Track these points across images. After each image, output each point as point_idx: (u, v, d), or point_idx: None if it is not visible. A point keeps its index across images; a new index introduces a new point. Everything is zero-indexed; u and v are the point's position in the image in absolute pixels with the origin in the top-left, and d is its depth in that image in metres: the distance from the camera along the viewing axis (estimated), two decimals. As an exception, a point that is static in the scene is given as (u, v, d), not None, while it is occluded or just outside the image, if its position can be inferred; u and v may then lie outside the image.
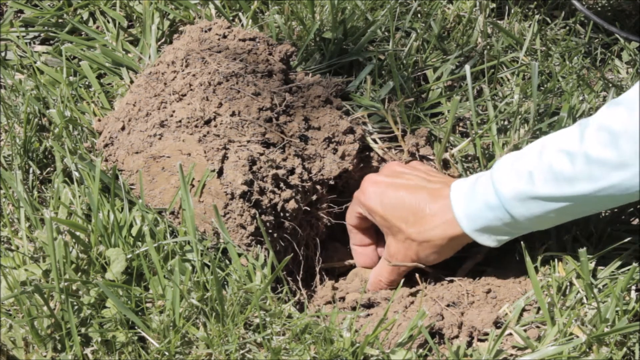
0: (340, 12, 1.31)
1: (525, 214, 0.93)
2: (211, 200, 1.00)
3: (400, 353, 0.91)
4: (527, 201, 0.92)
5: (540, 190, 0.90)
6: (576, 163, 0.86)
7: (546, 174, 0.89)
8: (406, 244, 1.05)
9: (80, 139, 1.14)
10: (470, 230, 0.99)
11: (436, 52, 1.31)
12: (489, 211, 0.96)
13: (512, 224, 0.95)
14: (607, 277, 1.00)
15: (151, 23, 1.30)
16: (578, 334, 0.92)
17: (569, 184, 0.87)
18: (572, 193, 0.88)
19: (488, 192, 0.95)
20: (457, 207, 0.99)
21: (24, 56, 1.31)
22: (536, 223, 0.95)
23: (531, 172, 0.91)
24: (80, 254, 0.96)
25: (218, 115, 1.03)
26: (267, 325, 0.92)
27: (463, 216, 0.99)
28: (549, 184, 0.89)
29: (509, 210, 0.94)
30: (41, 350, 0.88)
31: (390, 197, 1.05)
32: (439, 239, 1.02)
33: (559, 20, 1.43)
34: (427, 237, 1.02)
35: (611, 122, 0.83)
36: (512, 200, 0.93)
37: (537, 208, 0.92)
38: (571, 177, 0.87)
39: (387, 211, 1.05)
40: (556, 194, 0.89)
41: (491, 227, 0.97)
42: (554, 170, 0.88)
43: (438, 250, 1.03)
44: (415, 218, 1.03)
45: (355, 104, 1.20)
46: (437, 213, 1.01)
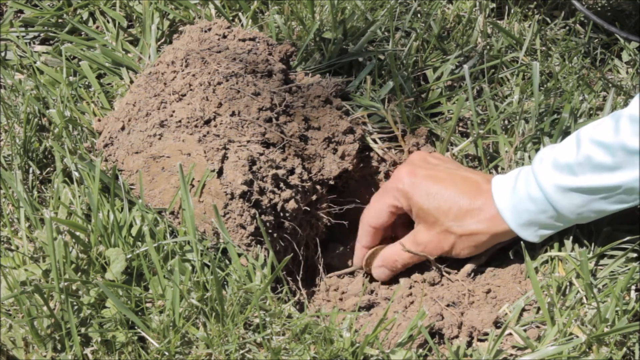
0: (340, 12, 1.31)
1: (569, 206, 0.94)
2: (211, 200, 1.00)
3: (400, 353, 0.91)
4: (569, 193, 0.93)
5: (582, 182, 0.91)
6: (614, 154, 0.88)
7: (585, 166, 0.91)
8: (442, 235, 1.04)
9: (80, 139, 1.14)
10: (515, 225, 0.99)
11: (436, 52, 1.31)
12: (533, 204, 0.96)
13: (556, 216, 0.96)
14: (607, 277, 1.00)
15: (151, 23, 1.30)
16: (578, 334, 0.92)
17: (611, 174, 0.89)
18: (613, 183, 0.89)
19: (531, 186, 0.97)
20: (500, 201, 1.00)
21: (24, 56, 1.30)
22: (579, 215, 0.95)
23: (571, 165, 0.92)
24: (80, 254, 0.96)
25: (218, 115, 1.03)
26: (267, 325, 0.92)
27: (507, 211, 0.99)
28: (590, 175, 0.91)
29: (552, 202, 0.95)
30: (41, 350, 0.88)
31: (429, 188, 1.04)
32: (483, 233, 1.02)
33: (558, 20, 1.43)
34: (470, 231, 1.02)
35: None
36: (555, 193, 0.94)
37: (579, 199, 0.93)
38: (612, 167, 0.89)
39: (426, 202, 1.04)
40: (598, 184, 0.90)
41: (535, 221, 0.98)
42: (593, 162, 0.90)
43: (477, 244, 1.03)
44: (456, 211, 1.02)
45: (355, 104, 1.20)
46: (481, 208, 1.02)
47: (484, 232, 1.02)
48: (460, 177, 1.05)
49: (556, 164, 0.95)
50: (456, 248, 1.05)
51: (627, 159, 0.87)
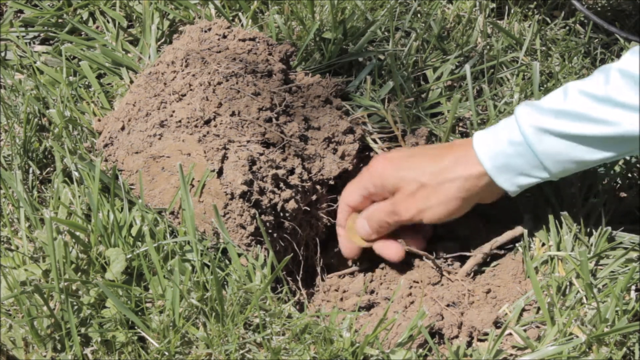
0: (340, 12, 1.31)
1: (548, 151, 0.93)
2: (211, 200, 1.00)
3: (400, 353, 0.91)
4: (550, 137, 0.93)
5: (565, 127, 0.91)
6: (601, 105, 0.88)
7: (570, 113, 0.91)
8: (417, 192, 1.02)
9: (80, 139, 1.14)
10: (491, 166, 0.97)
11: (436, 52, 1.31)
12: (511, 147, 0.96)
13: (534, 162, 0.95)
14: (607, 277, 1.00)
15: (151, 23, 1.30)
16: (578, 334, 0.92)
17: (593, 124, 0.89)
18: (594, 133, 0.89)
19: (512, 129, 0.96)
20: (478, 146, 0.99)
21: (24, 56, 1.31)
22: (558, 164, 0.94)
23: (556, 111, 0.92)
24: (80, 254, 0.96)
25: (218, 115, 1.03)
26: (267, 325, 0.92)
27: (485, 154, 0.98)
28: (573, 122, 0.90)
29: (532, 145, 0.94)
30: (41, 350, 0.88)
31: (402, 162, 1.05)
32: (458, 179, 1.00)
33: (558, 20, 1.43)
34: (444, 179, 1.01)
35: (634, 68, 0.86)
36: (535, 135, 0.93)
37: (559, 145, 0.92)
38: (595, 119, 0.88)
39: (400, 172, 1.04)
40: (580, 132, 0.90)
41: (512, 166, 0.96)
42: (578, 111, 0.90)
43: (453, 195, 1.01)
44: (432, 168, 1.02)
45: (355, 104, 1.20)
46: (457, 157, 1.01)
47: (459, 177, 1.00)
48: (433, 147, 1.06)
49: (540, 108, 0.94)
50: (432, 204, 1.02)
51: (613, 111, 0.87)
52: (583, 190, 1.09)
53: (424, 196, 1.02)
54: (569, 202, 1.07)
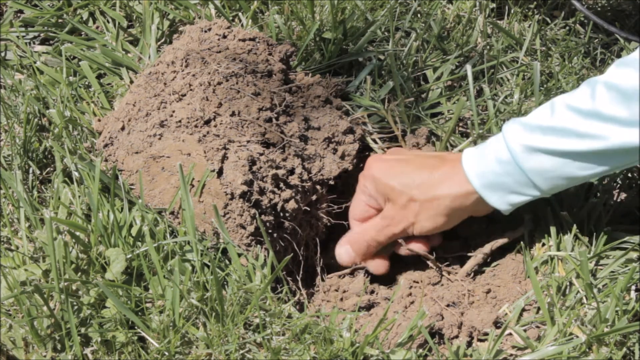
0: (340, 12, 1.31)
1: (537, 169, 0.93)
2: (211, 200, 1.00)
3: (400, 353, 0.91)
4: (538, 154, 0.92)
5: (553, 144, 0.91)
6: (588, 120, 0.88)
7: (558, 129, 0.90)
8: (407, 205, 1.03)
9: (80, 139, 1.14)
10: (480, 185, 0.98)
11: (436, 52, 1.31)
12: (500, 166, 0.96)
13: (523, 180, 0.95)
14: (607, 277, 1.00)
15: (151, 23, 1.30)
16: (578, 334, 0.92)
17: (581, 140, 0.88)
18: (583, 149, 0.89)
19: (499, 147, 0.96)
20: (467, 164, 0.99)
21: (24, 56, 1.30)
22: (549, 181, 0.94)
23: (543, 127, 0.92)
24: (80, 254, 0.96)
25: (218, 115, 1.03)
26: (267, 325, 0.92)
27: (473, 172, 0.98)
28: (561, 138, 0.90)
29: (520, 163, 0.94)
30: (41, 350, 0.88)
31: (394, 168, 1.05)
32: (445, 197, 1.00)
33: (558, 20, 1.43)
34: (432, 196, 1.01)
35: (620, 81, 0.85)
36: (523, 153, 0.93)
37: (548, 162, 0.92)
38: (583, 134, 0.88)
39: (390, 180, 1.04)
40: (568, 148, 0.90)
41: (502, 184, 0.96)
42: (565, 126, 0.90)
43: (440, 212, 1.01)
44: (420, 181, 1.02)
45: (355, 104, 1.20)
46: (446, 173, 1.01)
47: (447, 195, 1.00)
48: (426, 156, 1.06)
49: (527, 125, 0.94)
50: (420, 218, 1.02)
51: (600, 125, 0.87)
52: (583, 190, 1.09)
53: (413, 210, 1.03)
54: (569, 202, 1.07)
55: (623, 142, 0.86)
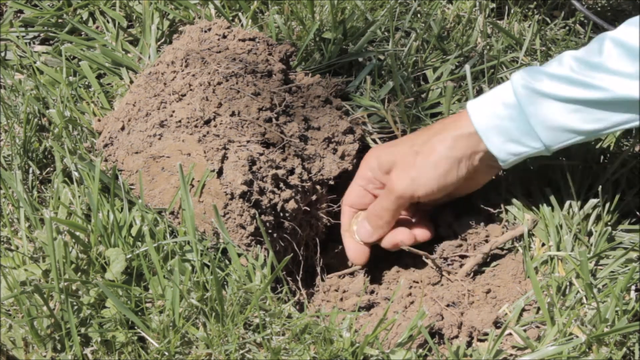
0: (340, 12, 1.31)
1: (539, 114, 0.94)
2: (211, 200, 1.00)
3: (400, 353, 0.91)
4: (542, 100, 0.93)
5: (558, 90, 0.92)
6: (594, 72, 0.90)
7: (565, 77, 0.92)
8: (411, 162, 1.02)
9: (80, 139, 1.14)
10: (482, 126, 0.98)
11: (436, 52, 1.31)
12: (504, 109, 0.96)
13: (525, 127, 0.95)
14: (607, 277, 1.00)
15: (151, 23, 1.30)
16: (578, 334, 0.92)
17: (586, 89, 0.90)
18: (587, 97, 0.90)
19: (505, 91, 0.97)
20: (471, 107, 0.99)
21: (24, 56, 1.30)
22: (548, 132, 0.94)
23: (550, 74, 0.93)
24: (80, 254, 0.96)
25: (218, 115, 1.03)
26: (266, 325, 0.92)
27: (476, 113, 0.98)
28: (567, 86, 0.92)
29: (524, 107, 0.94)
30: (41, 350, 0.88)
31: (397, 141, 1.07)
32: (446, 138, 1.00)
33: (558, 20, 1.43)
34: (435, 140, 1.01)
35: (628, 39, 0.88)
36: (528, 97, 0.94)
37: (551, 109, 0.93)
38: (588, 84, 0.90)
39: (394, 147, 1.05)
40: (572, 96, 0.91)
41: (503, 128, 0.97)
42: (572, 76, 0.91)
43: (442, 156, 1.00)
44: (425, 134, 1.03)
45: (355, 104, 1.20)
46: (448, 121, 1.02)
47: (447, 136, 1.00)
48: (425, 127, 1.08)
49: (534, 71, 0.95)
50: (422, 168, 1.01)
51: (606, 77, 0.89)
52: (583, 190, 1.09)
53: (416, 164, 1.02)
54: (569, 202, 1.07)
55: (627, 94, 0.88)
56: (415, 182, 1.02)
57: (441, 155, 1.00)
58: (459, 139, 1.00)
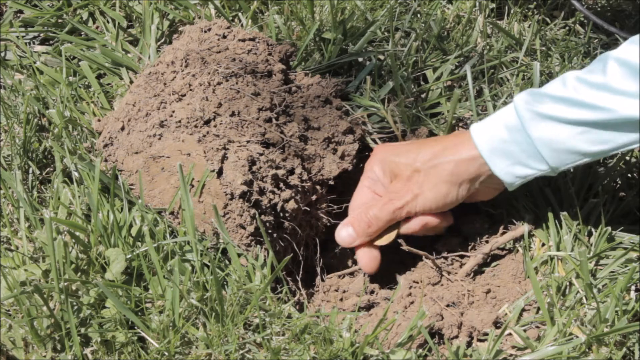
0: (340, 12, 1.31)
1: (544, 137, 0.93)
2: (211, 201, 1.00)
3: (400, 353, 0.91)
4: (546, 122, 0.93)
5: (562, 113, 0.91)
6: (599, 92, 0.89)
7: (568, 99, 0.91)
8: (411, 176, 1.02)
9: (80, 139, 1.14)
10: (486, 149, 0.97)
11: (436, 52, 1.31)
12: (508, 132, 0.96)
13: (530, 150, 0.95)
14: (607, 277, 1.00)
15: (151, 23, 1.30)
16: (578, 334, 0.92)
17: (590, 111, 0.89)
18: (591, 119, 0.90)
19: (509, 114, 0.97)
20: (474, 130, 0.99)
21: (24, 56, 1.31)
22: (553, 154, 0.94)
23: (554, 97, 0.93)
24: (80, 254, 0.96)
25: (218, 116, 1.03)
26: (266, 325, 0.92)
27: (480, 138, 0.98)
28: (571, 108, 0.91)
29: (528, 130, 0.94)
30: (41, 350, 0.88)
31: (400, 147, 1.06)
32: (449, 162, 1.00)
33: (558, 20, 1.43)
34: (437, 162, 1.01)
35: (632, 57, 0.87)
36: (532, 121, 0.94)
37: (555, 131, 0.92)
38: (592, 105, 0.89)
39: (397, 157, 1.05)
40: (577, 118, 0.91)
41: (508, 152, 0.96)
42: (575, 97, 0.91)
43: (443, 178, 1.00)
44: (427, 152, 1.02)
45: (355, 104, 1.20)
46: (452, 141, 1.01)
47: (451, 160, 1.00)
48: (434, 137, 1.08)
49: (538, 94, 0.95)
50: (424, 188, 1.01)
51: (610, 98, 0.88)
52: (583, 190, 1.09)
53: (417, 181, 1.02)
54: (569, 202, 1.07)
55: (632, 115, 0.87)
56: (414, 200, 1.03)
57: (442, 178, 1.01)
58: (461, 163, 1.00)
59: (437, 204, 1.03)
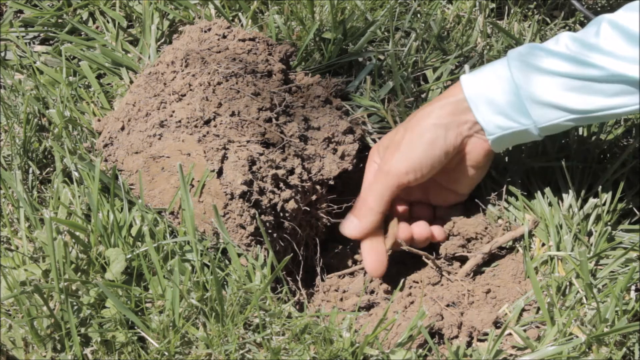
0: (340, 12, 1.31)
1: (531, 88, 0.94)
2: (211, 201, 1.00)
3: (400, 353, 0.91)
4: (535, 74, 0.94)
5: (551, 65, 0.92)
6: (590, 52, 0.90)
7: (560, 54, 0.92)
8: (397, 139, 1.02)
9: (80, 139, 1.14)
10: (471, 92, 0.97)
11: (436, 52, 1.31)
12: (496, 79, 0.96)
13: (516, 101, 0.95)
14: (607, 277, 1.00)
15: (151, 23, 1.30)
16: (578, 334, 0.92)
17: (580, 66, 0.91)
18: (580, 73, 0.91)
19: (500, 63, 0.98)
20: (464, 77, 1.00)
21: (24, 56, 1.31)
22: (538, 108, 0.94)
23: (546, 50, 0.94)
24: (80, 254, 0.96)
25: (218, 115, 1.03)
26: (266, 325, 0.92)
27: (467, 81, 0.98)
28: (561, 62, 0.92)
29: (516, 79, 0.94)
30: (41, 350, 0.88)
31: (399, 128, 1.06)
32: (435, 108, 0.99)
33: (558, 20, 1.43)
34: (423, 113, 1.01)
35: (626, 23, 0.88)
36: (521, 71, 0.95)
37: (543, 83, 0.93)
38: (582, 61, 0.90)
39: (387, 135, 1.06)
40: (565, 71, 0.92)
41: (493, 98, 0.97)
42: (567, 53, 0.92)
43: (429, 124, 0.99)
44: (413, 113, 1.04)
45: (355, 104, 1.20)
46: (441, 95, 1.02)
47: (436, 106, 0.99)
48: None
49: (532, 47, 0.96)
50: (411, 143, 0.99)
51: (600, 58, 0.89)
52: (583, 190, 1.09)
53: (404, 138, 1.01)
54: (569, 202, 1.07)
55: (622, 72, 0.88)
56: (402, 157, 1.00)
57: (427, 124, 0.99)
58: (446, 105, 0.99)
59: (426, 154, 0.99)
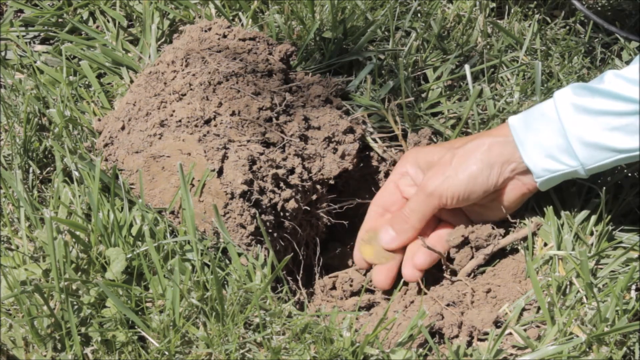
0: (340, 12, 1.31)
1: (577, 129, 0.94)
2: (211, 200, 1.00)
3: (400, 353, 0.91)
4: (582, 114, 0.94)
5: (598, 105, 0.93)
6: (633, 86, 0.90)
7: (605, 92, 0.93)
8: (447, 160, 1.03)
9: (80, 138, 1.14)
10: (518, 135, 0.99)
11: (436, 52, 1.31)
12: (544, 121, 0.97)
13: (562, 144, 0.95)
14: (607, 276, 1.00)
15: (151, 23, 1.30)
16: (578, 334, 0.92)
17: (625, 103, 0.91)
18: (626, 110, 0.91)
19: (547, 105, 0.98)
20: (512, 118, 1.01)
21: (24, 56, 1.31)
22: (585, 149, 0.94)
23: (592, 89, 0.94)
24: (80, 254, 0.96)
25: (218, 115, 1.03)
26: (267, 324, 0.92)
27: (515, 123, 1.00)
28: (607, 100, 0.92)
29: (563, 121, 0.95)
30: (41, 349, 0.88)
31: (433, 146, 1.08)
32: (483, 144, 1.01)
33: (559, 20, 1.43)
34: (470, 144, 1.02)
35: None
36: (569, 113, 0.95)
37: (589, 124, 0.93)
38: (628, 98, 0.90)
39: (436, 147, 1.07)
40: (612, 109, 0.92)
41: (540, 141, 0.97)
42: (611, 90, 0.92)
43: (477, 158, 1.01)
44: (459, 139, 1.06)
45: (355, 103, 1.20)
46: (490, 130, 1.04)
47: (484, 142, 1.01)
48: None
49: (577, 87, 0.96)
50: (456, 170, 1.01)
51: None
52: (583, 190, 1.09)
53: (449, 161, 1.02)
54: (569, 202, 1.07)
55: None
56: (446, 182, 1.02)
57: (475, 157, 1.01)
58: (495, 145, 1.01)
59: (467, 185, 1.01)
